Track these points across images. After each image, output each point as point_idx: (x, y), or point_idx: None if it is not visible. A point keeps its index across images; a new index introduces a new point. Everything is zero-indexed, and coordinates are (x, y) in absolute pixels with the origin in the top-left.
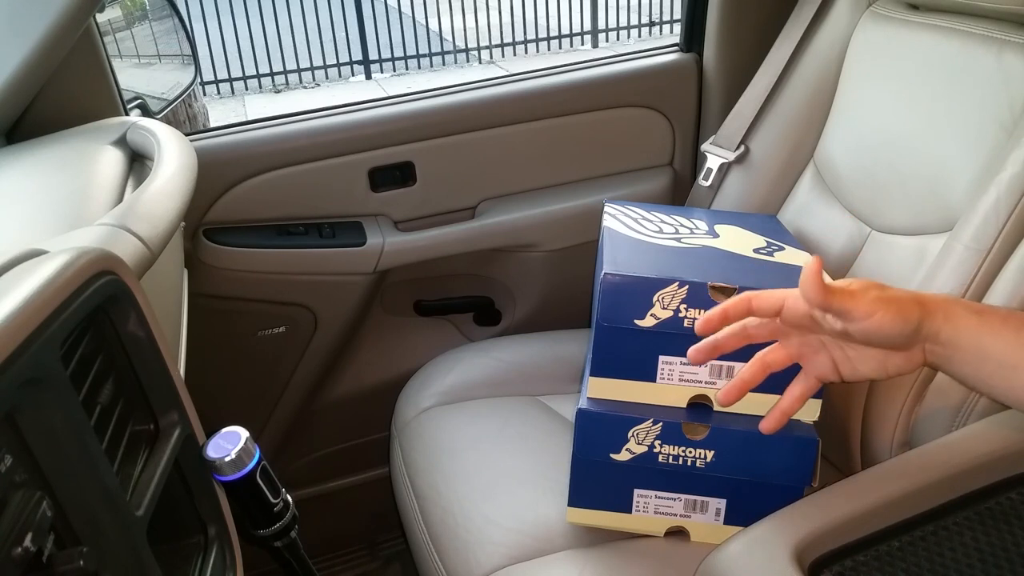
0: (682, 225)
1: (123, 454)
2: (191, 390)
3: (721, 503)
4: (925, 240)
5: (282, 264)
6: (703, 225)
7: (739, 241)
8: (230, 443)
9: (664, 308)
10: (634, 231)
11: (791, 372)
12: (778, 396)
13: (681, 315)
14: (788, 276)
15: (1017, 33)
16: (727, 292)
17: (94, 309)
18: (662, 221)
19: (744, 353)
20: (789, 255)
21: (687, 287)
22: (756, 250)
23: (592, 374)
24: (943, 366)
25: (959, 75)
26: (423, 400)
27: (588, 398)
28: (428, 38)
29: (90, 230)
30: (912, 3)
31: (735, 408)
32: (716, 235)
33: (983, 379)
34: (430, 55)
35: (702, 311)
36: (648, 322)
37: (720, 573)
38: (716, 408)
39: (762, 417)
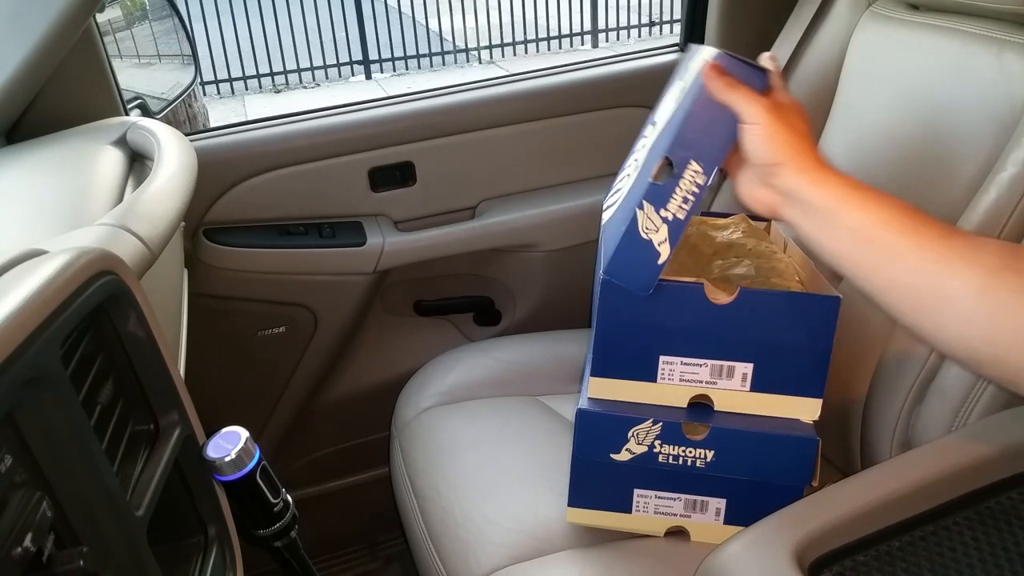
0: (641, 145)
1: (123, 454)
2: (191, 390)
3: (721, 503)
4: None
5: (282, 264)
6: (650, 126)
7: (668, 107)
8: (230, 443)
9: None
10: (617, 200)
11: (791, 374)
12: (779, 395)
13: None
14: (699, 91)
15: (1017, 33)
16: (665, 169)
17: (94, 309)
18: (633, 159)
19: (743, 353)
20: (695, 65)
21: (667, 225)
22: (678, 99)
23: (593, 374)
24: (797, 224)
25: (959, 75)
26: (423, 400)
27: (588, 398)
28: (428, 38)
29: (90, 230)
30: (912, 3)
31: (736, 408)
32: (655, 123)
33: (837, 251)
34: (430, 55)
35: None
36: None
37: (720, 573)
38: (717, 408)
39: (763, 417)
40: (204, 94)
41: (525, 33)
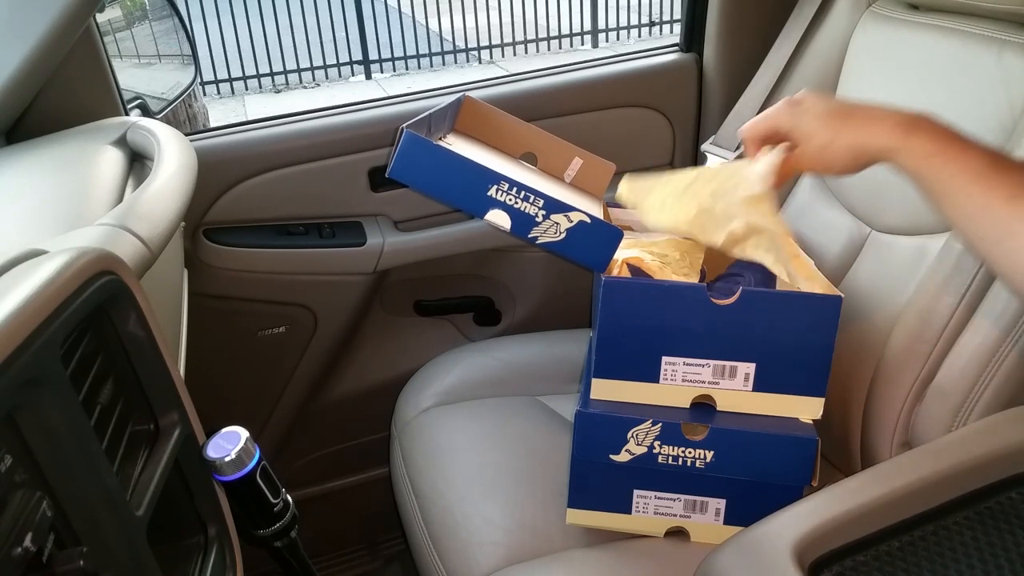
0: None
1: (123, 454)
2: (191, 390)
3: (721, 503)
4: (925, 240)
5: (282, 264)
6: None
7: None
8: (230, 443)
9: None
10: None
11: (793, 373)
12: (782, 395)
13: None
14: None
15: (1017, 33)
16: None
17: (94, 309)
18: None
19: (746, 353)
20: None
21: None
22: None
23: (596, 375)
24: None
25: (959, 75)
26: (423, 400)
27: (589, 399)
28: (428, 38)
29: (90, 230)
30: (912, 3)
31: (738, 408)
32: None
33: (942, 213)
34: (430, 55)
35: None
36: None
37: (720, 573)
38: (720, 408)
39: (762, 417)
40: (204, 94)
41: (525, 33)
